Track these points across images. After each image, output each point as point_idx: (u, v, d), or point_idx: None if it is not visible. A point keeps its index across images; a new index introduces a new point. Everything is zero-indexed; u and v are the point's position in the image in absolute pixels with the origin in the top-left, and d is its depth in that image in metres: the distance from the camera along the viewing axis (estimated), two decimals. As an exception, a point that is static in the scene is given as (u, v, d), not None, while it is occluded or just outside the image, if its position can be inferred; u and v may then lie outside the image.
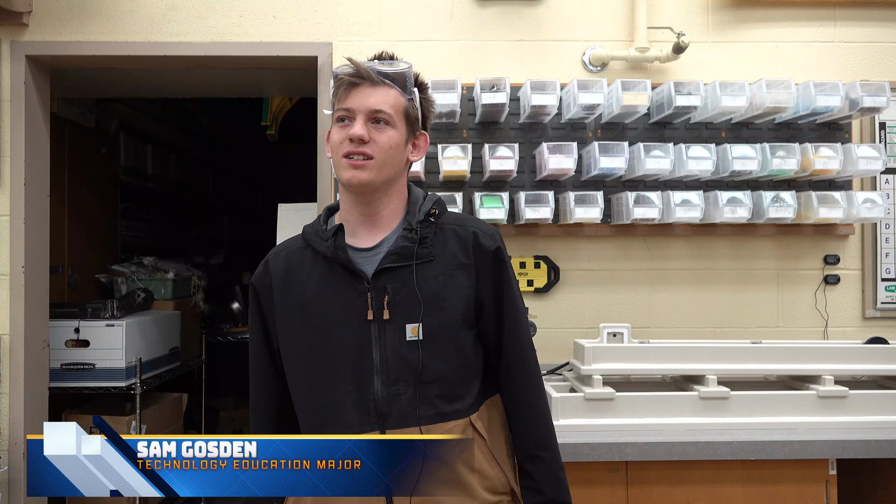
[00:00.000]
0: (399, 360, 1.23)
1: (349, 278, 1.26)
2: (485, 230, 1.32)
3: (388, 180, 1.27)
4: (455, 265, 1.28)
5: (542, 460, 1.31)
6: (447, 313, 1.25)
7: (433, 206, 1.31)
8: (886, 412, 2.05)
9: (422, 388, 1.23)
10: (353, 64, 1.26)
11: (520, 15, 2.52)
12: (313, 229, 1.33)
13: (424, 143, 1.36)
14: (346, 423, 1.23)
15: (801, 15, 2.55)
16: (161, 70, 2.78)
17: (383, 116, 1.24)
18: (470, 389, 1.28)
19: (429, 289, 1.25)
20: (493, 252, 1.31)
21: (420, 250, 1.26)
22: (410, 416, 1.22)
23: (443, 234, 1.30)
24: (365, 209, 1.29)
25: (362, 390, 1.23)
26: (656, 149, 2.29)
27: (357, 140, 1.22)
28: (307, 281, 1.29)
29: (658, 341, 2.30)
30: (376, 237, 1.29)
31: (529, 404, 1.33)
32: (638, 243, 2.51)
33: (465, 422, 1.26)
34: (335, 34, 2.50)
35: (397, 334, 1.24)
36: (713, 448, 1.90)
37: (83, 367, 3.05)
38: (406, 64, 1.29)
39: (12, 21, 2.44)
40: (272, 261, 1.35)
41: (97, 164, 3.79)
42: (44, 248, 2.63)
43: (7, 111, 2.47)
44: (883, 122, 2.55)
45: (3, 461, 2.43)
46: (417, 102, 1.31)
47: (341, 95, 1.27)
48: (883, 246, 2.54)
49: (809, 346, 2.18)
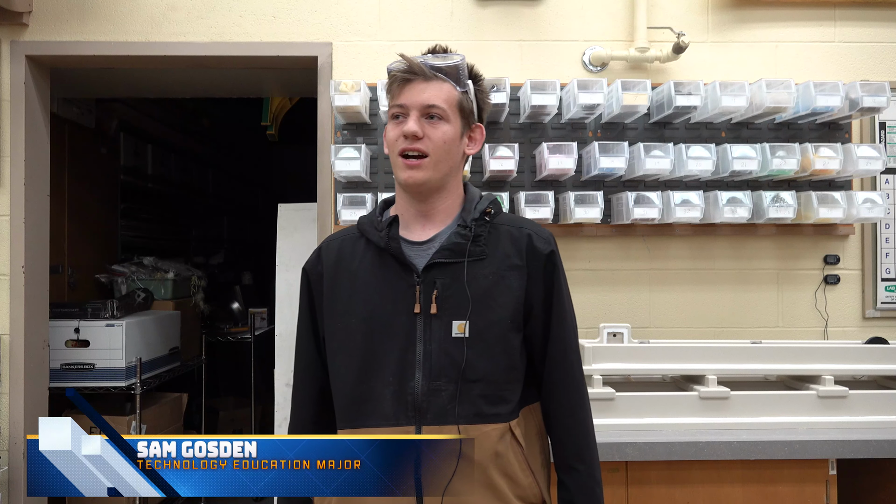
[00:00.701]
0: (443, 356, 1.22)
1: (400, 270, 1.26)
2: (539, 233, 1.32)
3: (445, 176, 1.27)
4: (507, 266, 1.27)
5: (579, 473, 1.29)
6: (495, 313, 1.24)
7: (489, 206, 1.31)
8: (886, 412, 2.05)
9: (464, 387, 1.22)
10: (406, 60, 1.24)
11: (520, 15, 2.52)
12: (368, 220, 1.33)
13: (481, 136, 1.35)
14: (382, 415, 1.22)
15: (801, 15, 2.55)
16: (161, 70, 2.78)
17: (437, 111, 1.24)
18: (513, 394, 1.27)
19: (478, 287, 1.24)
20: (546, 255, 1.30)
21: (473, 248, 1.25)
22: (450, 413, 1.21)
23: (497, 233, 1.29)
24: (421, 206, 1.29)
25: (402, 383, 1.22)
26: (656, 149, 2.29)
27: (411, 136, 1.22)
28: (358, 270, 1.29)
29: (658, 341, 2.30)
30: (430, 232, 1.29)
31: (570, 414, 1.31)
32: (638, 243, 2.51)
33: (504, 427, 1.24)
34: (335, 34, 2.51)
35: (443, 330, 1.23)
36: (713, 448, 1.90)
37: (83, 367, 3.06)
38: (459, 56, 1.27)
39: (12, 21, 2.44)
40: (325, 248, 1.35)
41: (97, 164, 3.80)
42: (44, 248, 2.63)
43: (7, 111, 2.47)
44: (883, 122, 2.55)
45: (3, 461, 2.43)
46: (472, 94, 1.30)
47: (395, 92, 1.26)
48: (883, 246, 2.54)
49: (809, 346, 2.18)
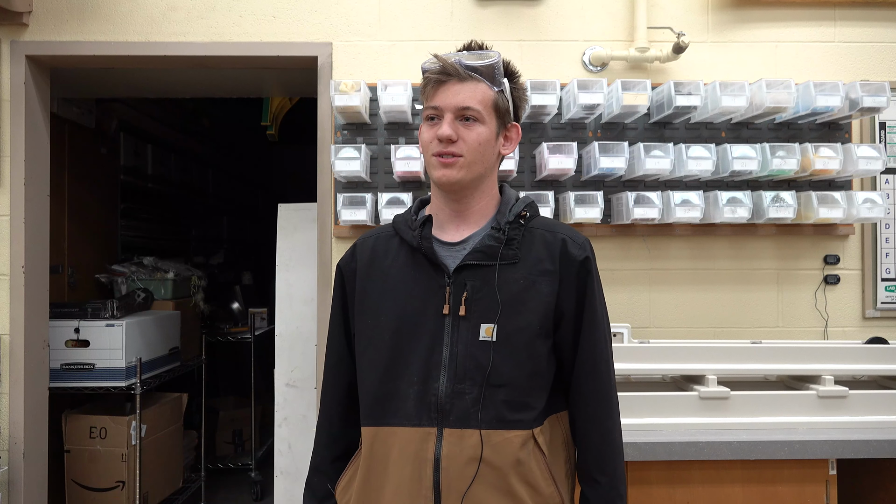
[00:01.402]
0: (469, 359, 1.21)
1: (431, 270, 1.25)
2: (574, 238, 1.28)
3: (479, 177, 1.26)
4: (539, 271, 1.25)
5: (600, 485, 1.26)
6: (525, 318, 1.22)
7: (525, 209, 1.29)
8: (886, 412, 2.05)
9: (488, 391, 1.20)
10: (440, 60, 1.22)
11: (520, 15, 2.52)
12: (403, 219, 1.32)
13: (517, 135, 1.32)
14: (405, 415, 1.22)
15: (801, 15, 2.55)
16: (161, 70, 2.78)
17: (472, 113, 1.22)
18: (538, 401, 1.24)
19: (509, 291, 1.22)
20: (580, 262, 1.26)
21: (505, 251, 1.24)
22: (472, 417, 1.19)
23: (531, 237, 1.27)
24: (455, 206, 1.28)
25: (427, 384, 1.21)
26: (656, 149, 2.29)
27: (445, 140, 1.21)
28: (390, 268, 1.28)
29: (658, 341, 2.30)
30: (463, 233, 1.28)
31: (595, 425, 1.27)
32: (638, 243, 2.51)
33: (527, 434, 1.21)
34: (335, 34, 2.51)
35: (471, 332, 1.21)
36: (713, 448, 1.90)
37: (83, 367, 3.06)
38: (494, 55, 1.24)
39: (12, 21, 2.44)
40: (360, 246, 1.35)
41: (97, 164, 3.79)
42: (44, 248, 2.63)
43: (7, 111, 2.47)
44: (883, 122, 2.55)
45: (3, 461, 2.43)
46: (508, 93, 1.28)
47: (429, 93, 1.24)
48: (883, 246, 2.54)
49: (809, 346, 2.18)
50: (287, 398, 2.84)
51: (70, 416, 3.14)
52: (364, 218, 2.33)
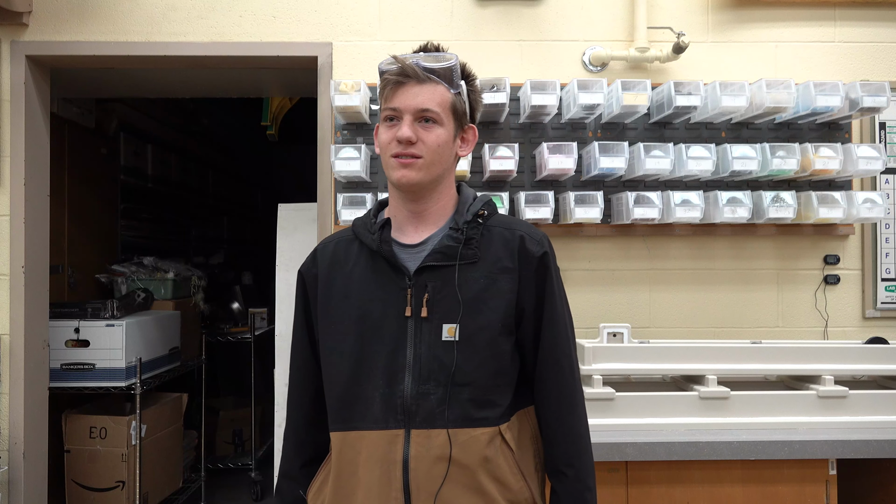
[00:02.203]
0: (432, 359, 1.22)
1: (392, 273, 1.25)
2: (532, 235, 1.30)
3: (437, 178, 1.26)
4: (499, 269, 1.26)
5: (567, 478, 1.27)
6: (486, 317, 1.23)
7: (483, 207, 1.30)
8: (886, 412, 2.05)
9: (453, 390, 1.21)
10: (398, 62, 1.23)
11: (520, 15, 2.52)
12: (362, 222, 1.33)
13: (473, 137, 1.34)
14: (372, 418, 1.22)
15: (801, 15, 2.55)
16: (161, 70, 2.78)
17: (431, 115, 1.23)
18: (503, 398, 1.26)
19: (470, 290, 1.23)
20: (538, 258, 1.28)
21: (464, 251, 1.25)
22: (439, 417, 1.20)
23: (490, 236, 1.28)
24: (413, 206, 1.28)
25: (392, 386, 1.22)
26: (656, 149, 2.29)
27: (405, 142, 1.21)
28: (351, 273, 1.29)
29: (658, 341, 2.30)
30: (422, 234, 1.28)
31: (559, 419, 1.29)
32: (638, 243, 2.51)
33: (493, 430, 1.23)
34: (335, 34, 2.51)
35: (433, 333, 1.22)
36: (713, 448, 1.90)
37: (83, 367, 3.06)
38: (452, 57, 1.25)
39: (12, 21, 2.44)
40: (321, 251, 1.35)
41: (97, 164, 3.80)
42: (44, 248, 2.63)
43: (7, 111, 2.47)
44: (883, 122, 2.55)
45: (3, 461, 2.43)
46: (465, 95, 1.29)
47: (388, 94, 1.24)
48: (883, 246, 2.54)
49: (809, 346, 2.18)
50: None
51: (70, 416, 3.14)
52: (364, 218, 2.33)
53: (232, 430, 4.33)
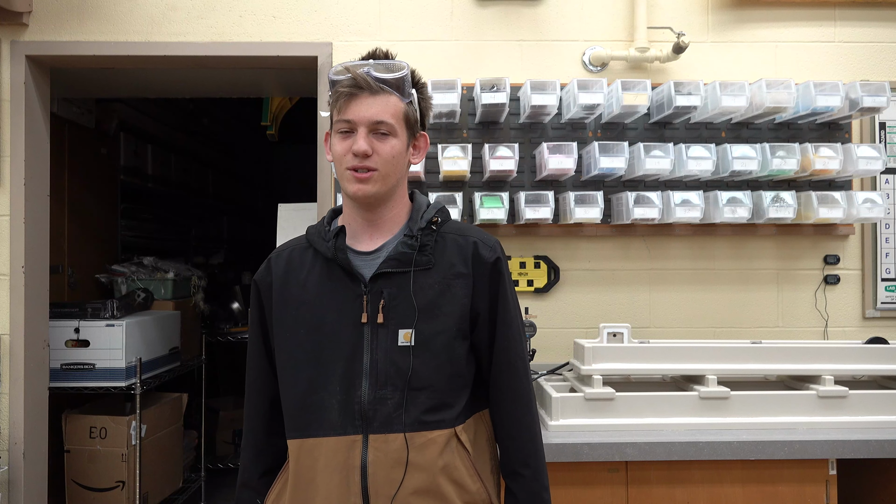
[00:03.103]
0: (389, 365, 1.23)
1: (347, 280, 1.26)
2: (485, 241, 1.32)
3: (392, 188, 1.28)
4: (453, 274, 1.27)
5: (524, 477, 1.29)
6: (441, 322, 1.25)
7: (436, 214, 1.31)
8: (886, 412, 2.05)
9: (410, 394, 1.22)
10: (351, 72, 1.23)
11: (520, 15, 2.52)
12: (316, 230, 1.33)
13: (424, 144, 1.35)
14: (329, 425, 1.23)
15: (801, 15, 2.55)
16: (161, 70, 2.78)
17: (385, 128, 1.23)
18: (458, 400, 1.27)
19: (424, 296, 1.25)
20: (491, 263, 1.30)
21: (419, 257, 1.26)
22: (395, 421, 1.21)
23: (443, 242, 1.30)
24: (368, 215, 1.29)
25: (349, 393, 1.23)
26: (656, 149, 2.29)
27: (361, 155, 1.22)
28: (306, 281, 1.29)
29: (658, 341, 2.29)
30: (377, 241, 1.29)
31: (514, 420, 1.31)
32: (638, 243, 2.51)
33: (449, 432, 1.25)
34: (335, 34, 2.51)
35: (389, 339, 1.23)
36: (713, 448, 1.90)
37: (83, 367, 3.05)
38: (404, 66, 1.27)
39: (12, 21, 2.44)
40: (275, 259, 1.35)
41: (97, 164, 3.79)
42: (44, 248, 2.63)
43: (7, 111, 2.47)
44: (883, 122, 2.55)
45: (3, 461, 2.43)
46: (416, 103, 1.30)
47: (341, 106, 1.24)
48: (883, 246, 2.54)
49: (809, 346, 2.18)
50: (287, 398, 2.84)
51: (70, 416, 3.14)
52: (364, 218, 2.33)
53: (232, 430, 4.33)
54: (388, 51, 1.29)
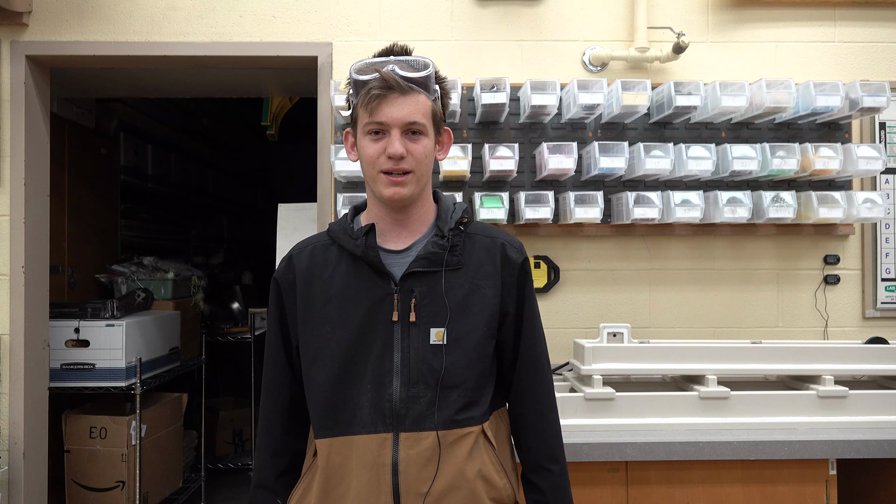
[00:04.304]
0: (421, 363, 1.23)
1: (376, 279, 1.26)
2: (512, 242, 1.34)
3: (424, 187, 1.29)
4: (482, 275, 1.29)
5: (552, 473, 1.31)
6: (472, 321, 1.26)
7: (463, 215, 1.32)
8: (886, 412, 2.05)
9: (442, 393, 1.23)
10: (379, 72, 1.21)
11: (520, 15, 2.52)
12: (340, 227, 1.32)
13: (448, 139, 1.35)
14: (360, 423, 1.23)
15: (801, 15, 2.55)
16: (161, 70, 2.78)
17: (418, 127, 1.23)
18: (485, 398, 1.29)
19: (455, 296, 1.26)
20: (519, 265, 1.33)
21: (450, 258, 1.27)
22: (428, 420, 1.22)
23: (472, 243, 1.31)
24: (397, 215, 1.29)
25: (380, 391, 1.23)
26: (656, 149, 2.29)
27: (397, 157, 1.21)
28: (331, 278, 1.28)
29: (658, 341, 2.29)
30: (406, 240, 1.30)
31: (541, 417, 1.34)
32: (638, 243, 2.51)
33: (478, 429, 1.26)
34: (335, 34, 2.51)
35: (421, 337, 1.24)
36: (713, 448, 1.90)
37: (83, 367, 3.05)
38: (429, 63, 1.25)
39: (12, 21, 2.44)
40: (296, 256, 1.34)
41: (97, 164, 3.79)
42: (44, 248, 2.63)
43: (7, 111, 2.47)
44: (883, 122, 2.55)
45: (3, 461, 2.43)
46: (439, 99, 1.30)
47: (372, 108, 1.22)
48: (883, 246, 2.54)
49: (809, 346, 2.17)
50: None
51: (70, 416, 3.14)
52: (364, 218, 2.33)
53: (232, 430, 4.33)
54: (406, 46, 1.28)
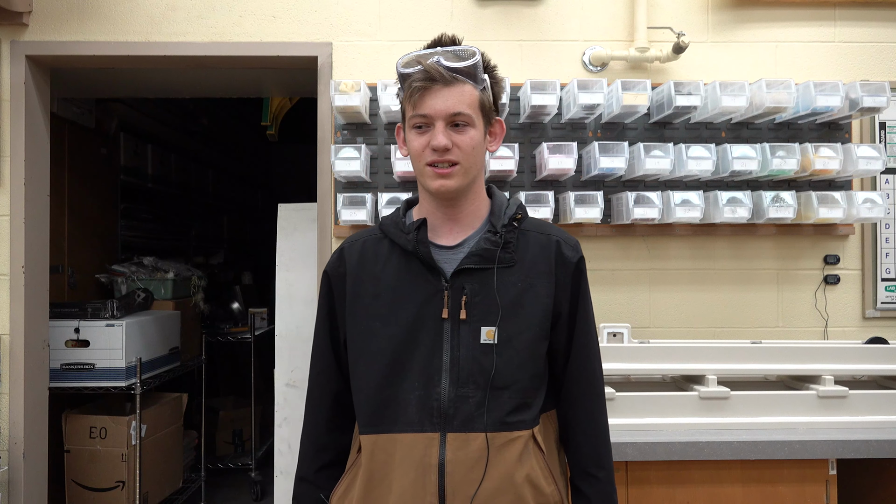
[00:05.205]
0: (471, 362, 1.20)
1: (427, 274, 1.24)
2: (567, 240, 1.30)
3: (473, 180, 1.25)
4: (536, 273, 1.25)
5: (598, 480, 1.28)
6: (524, 321, 1.23)
7: (517, 211, 1.29)
8: (886, 412, 2.05)
9: (492, 394, 1.20)
10: (422, 64, 1.19)
11: (520, 15, 2.52)
12: (392, 221, 1.31)
13: (501, 130, 1.32)
14: (406, 421, 1.20)
15: (801, 15, 2.55)
16: (161, 70, 2.78)
17: (463, 119, 1.20)
18: (536, 401, 1.25)
19: (507, 294, 1.22)
20: (574, 263, 1.29)
21: (502, 255, 1.24)
22: (477, 420, 1.19)
23: (525, 240, 1.28)
24: (448, 210, 1.27)
25: (428, 389, 1.20)
26: (656, 149, 2.29)
27: (441, 150, 1.19)
28: (382, 272, 1.27)
29: (658, 341, 2.30)
30: (458, 236, 1.27)
31: (591, 421, 1.29)
32: (638, 243, 2.51)
33: (528, 433, 1.22)
34: (335, 34, 2.51)
35: (472, 336, 1.21)
36: (713, 448, 1.90)
37: (83, 367, 3.06)
38: (475, 52, 1.22)
39: (12, 21, 2.44)
40: (347, 249, 1.33)
41: (97, 164, 3.80)
42: (44, 248, 2.63)
43: (7, 111, 2.47)
44: (883, 122, 2.55)
45: (3, 461, 2.43)
46: (489, 89, 1.27)
47: (416, 101, 1.20)
48: (883, 246, 2.54)
49: (809, 346, 2.17)
50: (287, 398, 2.84)
51: (70, 416, 3.14)
52: (364, 218, 2.33)
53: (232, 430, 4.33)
54: (455, 36, 1.25)
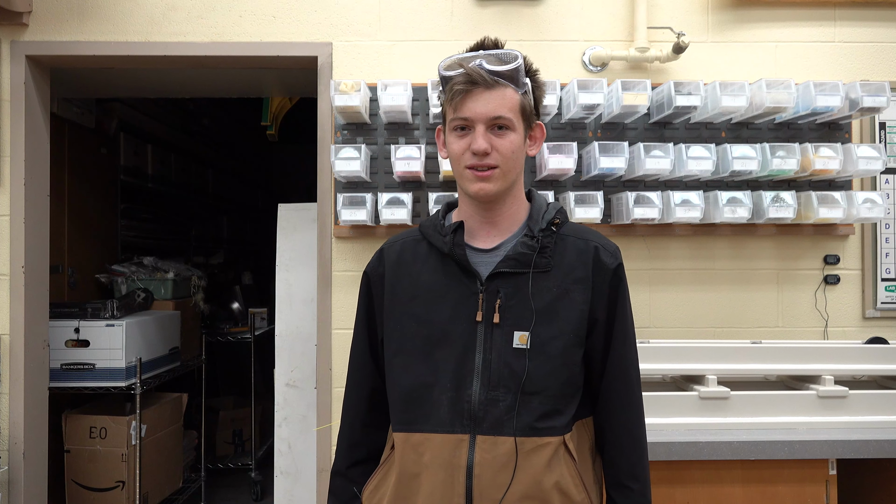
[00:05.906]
0: (503, 366, 1.20)
1: (462, 277, 1.24)
2: (606, 246, 1.28)
3: (512, 184, 1.25)
4: (572, 279, 1.24)
5: (632, 491, 1.25)
6: (559, 326, 1.22)
7: (556, 215, 1.28)
8: (886, 412, 2.05)
9: (523, 398, 1.19)
10: (463, 66, 1.19)
11: (520, 15, 2.52)
12: (431, 224, 1.31)
13: (541, 134, 1.32)
14: (437, 422, 1.21)
15: (801, 15, 2.55)
16: (161, 70, 2.78)
17: (503, 122, 1.20)
18: (569, 408, 1.24)
19: (542, 299, 1.22)
20: (613, 270, 1.26)
21: (538, 259, 1.23)
22: (507, 424, 1.19)
23: (563, 245, 1.26)
24: (486, 213, 1.27)
25: (460, 391, 1.20)
26: (656, 149, 2.29)
27: (481, 153, 1.19)
28: (419, 274, 1.27)
29: (658, 341, 2.30)
30: (495, 240, 1.27)
31: (626, 431, 1.27)
32: (638, 243, 2.51)
33: (559, 440, 1.21)
34: (335, 34, 2.51)
35: (505, 339, 1.21)
36: (713, 448, 1.90)
37: (83, 367, 3.06)
38: (517, 55, 1.22)
39: (12, 21, 2.44)
40: (387, 250, 1.34)
41: (97, 164, 3.79)
42: (44, 248, 2.63)
43: (7, 111, 2.47)
44: (883, 122, 2.55)
45: (3, 461, 2.43)
46: (530, 93, 1.26)
47: (457, 103, 1.20)
48: (883, 246, 2.54)
49: (809, 346, 2.18)
50: (287, 398, 2.84)
51: (70, 416, 3.14)
52: (364, 218, 2.33)
53: (232, 430, 4.33)
54: (497, 39, 1.25)
